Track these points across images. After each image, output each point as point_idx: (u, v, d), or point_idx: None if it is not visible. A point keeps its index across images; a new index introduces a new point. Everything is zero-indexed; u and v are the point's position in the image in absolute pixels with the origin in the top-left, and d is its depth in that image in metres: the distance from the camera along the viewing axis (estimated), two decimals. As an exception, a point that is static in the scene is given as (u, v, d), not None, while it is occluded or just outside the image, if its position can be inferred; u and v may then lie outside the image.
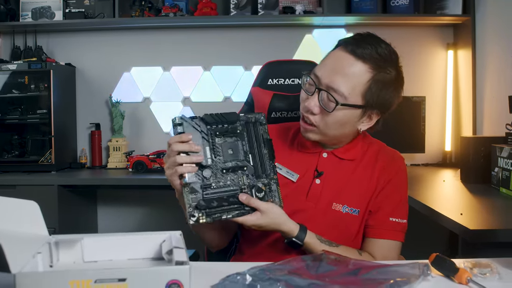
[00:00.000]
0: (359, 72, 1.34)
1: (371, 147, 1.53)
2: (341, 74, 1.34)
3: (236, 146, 1.33)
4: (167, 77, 3.70)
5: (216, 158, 1.30)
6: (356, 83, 1.34)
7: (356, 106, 1.36)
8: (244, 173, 1.32)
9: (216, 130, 1.32)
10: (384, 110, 1.42)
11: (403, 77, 1.45)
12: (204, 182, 1.27)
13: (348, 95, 1.34)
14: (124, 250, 1.13)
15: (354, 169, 1.48)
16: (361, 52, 1.34)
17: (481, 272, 1.08)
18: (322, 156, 1.49)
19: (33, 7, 3.47)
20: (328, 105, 1.35)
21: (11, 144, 3.37)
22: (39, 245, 1.02)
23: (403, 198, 1.50)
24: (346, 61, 1.36)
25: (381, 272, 1.03)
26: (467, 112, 3.36)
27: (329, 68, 1.37)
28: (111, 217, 3.75)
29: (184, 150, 1.25)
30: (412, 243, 3.03)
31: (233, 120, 1.34)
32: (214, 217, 1.26)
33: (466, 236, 1.64)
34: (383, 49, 1.37)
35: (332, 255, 1.14)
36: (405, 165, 1.54)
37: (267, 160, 1.35)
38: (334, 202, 1.44)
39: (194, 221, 1.25)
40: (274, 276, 0.97)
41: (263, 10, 3.43)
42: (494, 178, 2.40)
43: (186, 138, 1.26)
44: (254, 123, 1.37)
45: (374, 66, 1.35)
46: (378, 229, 1.45)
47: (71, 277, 0.87)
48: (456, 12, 3.35)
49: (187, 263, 0.91)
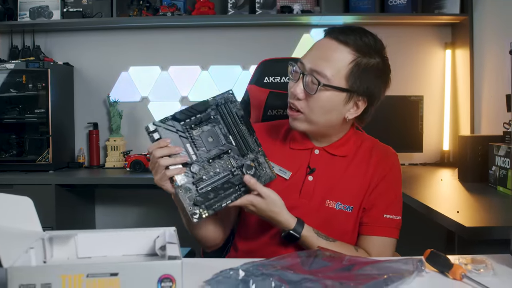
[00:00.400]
0: (342, 55, 1.36)
1: (364, 143, 1.53)
2: (325, 58, 1.37)
3: (214, 132, 1.35)
4: (165, 76, 3.70)
5: (199, 150, 1.31)
6: (339, 66, 1.36)
7: (339, 88, 1.36)
8: (230, 155, 1.34)
9: (191, 123, 1.33)
10: (370, 99, 1.42)
11: (389, 67, 1.44)
12: (195, 177, 1.29)
13: (331, 76, 1.35)
14: (118, 246, 1.12)
15: (347, 165, 1.48)
16: (344, 38, 1.37)
17: (475, 268, 1.08)
18: (314, 152, 1.49)
19: (31, 6, 3.47)
20: (311, 87, 1.36)
21: (9, 144, 3.37)
22: (32, 240, 1.02)
23: (397, 194, 1.50)
24: (329, 46, 1.38)
25: (375, 268, 1.03)
26: (465, 111, 3.36)
27: (313, 54, 1.40)
28: (109, 217, 3.75)
29: (165, 154, 1.27)
30: (410, 241, 3.03)
31: (203, 108, 1.35)
32: (215, 208, 1.28)
33: (462, 233, 1.64)
34: (368, 38, 1.39)
35: (327, 251, 1.14)
36: (399, 162, 1.53)
37: (248, 136, 1.38)
38: (328, 199, 1.44)
39: (197, 218, 1.26)
40: (267, 271, 0.97)
41: (261, 10, 3.43)
42: (491, 177, 2.40)
43: (164, 143, 1.27)
44: (224, 104, 1.38)
45: (356, 50, 1.36)
46: (373, 226, 1.45)
47: (62, 271, 0.86)
48: (454, 11, 3.35)
49: (180, 258, 0.91)
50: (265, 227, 1.47)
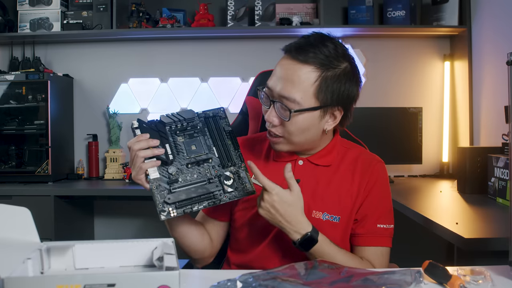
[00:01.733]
0: (306, 75, 1.33)
1: (349, 152, 1.51)
2: (289, 81, 1.34)
3: (198, 141, 1.38)
4: (165, 88, 3.71)
5: (179, 154, 1.34)
6: (305, 86, 1.33)
7: (311, 109, 1.35)
8: (210, 165, 1.36)
9: (176, 129, 1.38)
10: (346, 104, 1.40)
11: (357, 67, 1.42)
12: (171, 178, 1.31)
13: (300, 99, 1.33)
14: (116, 257, 1.12)
15: (331, 175, 1.47)
16: (303, 57, 1.33)
17: (474, 279, 1.07)
18: (298, 163, 1.49)
19: (31, 18, 3.49)
20: (284, 114, 1.35)
21: (8, 155, 3.37)
22: (30, 251, 1.01)
23: (388, 203, 1.49)
24: (291, 67, 1.35)
25: (373, 279, 1.03)
26: (464, 123, 3.37)
27: (277, 77, 1.37)
28: (108, 228, 3.74)
29: (143, 147, 1.30)
30: (409, 252, 3.03)
31: (190, 117, 1.40)
32: (184, 209, 1.29)
33: (460, 244, 1.64)
34: (328, 48, 1.35)
35: (325, 263, 1.14)
36: (385, 169, 1.51)
37: (232, 150, 1.39)
38: (314, 210, 1.43)
39: (165, 215, 1.27)
40: (264, 282, 0.96)
41: (260, 22, 3.45)
42: (490, 188, 2.40)
43: (143, 137, 1.31)
44: (213, 117, 1.43)
45: (319, 66, 1.33)
46: (367, 237, 1.44)
47: (59, 281, 0.86)
48: (453, 23, 3.37)
49: (177, 269, 0.91)
50: (257, 240, 1.47)
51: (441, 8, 3.42)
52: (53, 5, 3.48)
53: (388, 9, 3.44)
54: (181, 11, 3.55)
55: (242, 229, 1.50)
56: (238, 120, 1.91)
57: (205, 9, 3.45)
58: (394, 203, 2.39)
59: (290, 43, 1.40)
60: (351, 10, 3.47)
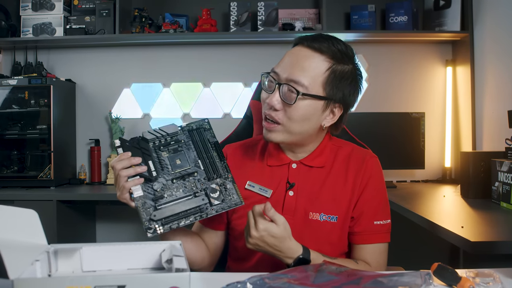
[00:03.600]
0: (318, 63, 1.35)
1: (341, 150, 1.51)
2: (300, 67, 1.35)
3: (183, 155, 1.37)
4: (167, 93, 3.71)
5: (164, 170, 1.34)
6: (315, 74, 1.35)
7: (317, 96, 1.36)
8: (196, 178, 1.35)
9: (160, 145, 1.38)
10: (345, 106, 1.42)
11: (361, 74, 1.45)
12: (156, 195, 1.30)
13: (308, 85, 1.34)
14: (123, 260, 1.12)
15: (325, 176, 1.47)
16: (318, 45, 1.36)
17: (484, 282, 1.07)
18: (291, 167, 1.48)
19: (34, 23, 3.49)
20: (290, 97, 1.35)
21: (10, 160, 3.37)
22: (38, 253, 1.01)
23: (383, 198, 1.48)
24: (303, 54, 1.37)
25: (383, 281, 1.02)
26: (467, 128, 3.37)
27: (287, 63, 1.38)
28: (110, 233, 3.73)
29: (125, 166, 1.30)
30: (410, 258, 3.02)
31: (173, 132, 1.40)
32: (171, 226, 1.28)
33: (467, 248, 1.63)
34: (340, 45, 1.38)
35: (333, 265, 1.13)
36: (379, 164, 1.51)
37: (218, 162, 1.38)
38: (311, 212, 1.43)
39: (151, 232, 1.27)
40: (274, 284, 0.96)
41: (263, 27, 3.45)
42: (494, 193, 2.40)
43: (125, 156, 1.31)
44: (197, 129, 1.43)
45: (331, 57, 1.36)
46: (365, 235, 1.43)
47: (69, 283, 0.86)
48: (455, 28, 3.38)
49: (187, 270, 0.91)
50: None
51: (443, 14, 3.43)
52: (56, 10, 3.49)
53: (390, 15, 3.45)
54: (184, 16, 3.55)
55: (240, 238, 1.49)
56: (243, 124, 1.90)
57: (208, 14, 3.46)
58: (397, 207, 2.42)
59: (304, 35, 1.42)
60: (354, 16, 3.48)
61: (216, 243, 1.54)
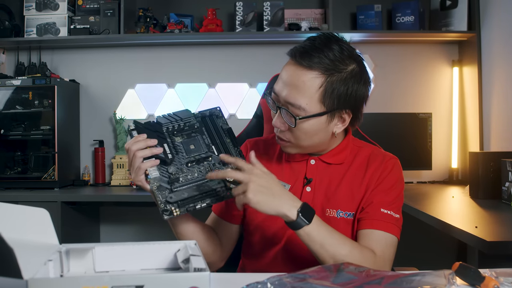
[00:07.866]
0: (310, 81, 1.30)
1: (362, 150, 1.49)
2: (294, 87, 1.31)
3: (197, 141, 1.37)
4: (172, 94, 3.68)
5: (178, 154, 1.33)
6: (310, 92, 1.30)
7: (317, 114, 1.32)
8: (210, 163, 1.35)
9: (174, 130, 1.37)
10: (355, 106, 1.37)
11: (364, 66, 1.38)
12: (171, 178, 1.29)
13: (306, 106, 1.30)
14: (137, 260, 1.09)
15: (344, 173, 1.44)
16: (307, 62, 1.30)
17: (507, 281, 1.04)
18: (310, 163, 1.47)
19: (38, 23, 3.47)
20: (290, 121, 1.33)
21: (14, 161, 3.34)
22: (50, 252, 0.98)
23: (396, 193, 1.43)
24: (296, 73, 1.32)
25: (406, 281, 1.00)
26: (474, 128, 3.34)
27: (283, 82, 1.34)
28: (114, 235, 3.70)
29: (141, 147, 1.29)
30: (421, 258, 2.99)
31: (187, 117, 1.41)
32: (187, 208, 1.26)
33: (483, 248, 1.61)
34: (333, 51, 1.31)
35: (351, 265, 1.11)
36: (399, 165, 1.47)
37: (232, 148, 1.38)
38: (328, 208, 1.41)
39: (168, 214, 1.25)
40: (296, 284, 0.93)
41: (269, 27, 3.43)
42: (504, 193, 2.37)
43: (141, 137, 1.30)
44: (210, 116, 1.44)
45: (324, 71, 1.30)
46: (370, 220, 1.37)
47: (85, 283, 0.83)
48: (461, 28, 3.35)
49: (207, 270, 0.88)
50: (270, 243, 1.45)
51: (450, 14, 3.40)
52: (60, 10, 3.47)
53: (396, 15, 3.43)
54: (189, 16, 3.53)
55: (255, 232, 1.48)
56: (253, 123, 1.88)
57: (213, 14, 3.44)
58: (406, 207, 2.38)
59: (295, 46, 1.36)
60: (360, 16, 3.46)
61: (229, 237, 1.52)
